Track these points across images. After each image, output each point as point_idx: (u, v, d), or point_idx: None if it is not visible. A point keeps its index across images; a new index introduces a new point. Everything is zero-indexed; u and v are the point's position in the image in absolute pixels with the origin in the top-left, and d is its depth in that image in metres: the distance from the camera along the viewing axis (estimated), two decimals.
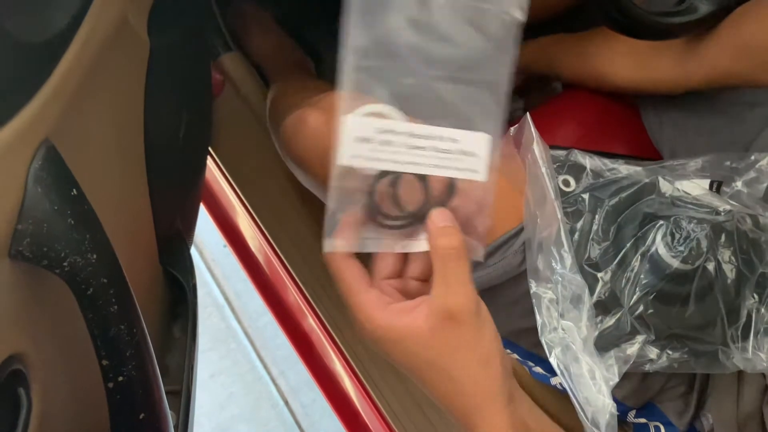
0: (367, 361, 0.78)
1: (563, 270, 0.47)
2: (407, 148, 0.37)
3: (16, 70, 0.32)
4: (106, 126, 0.44)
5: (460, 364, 0.38)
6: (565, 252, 0.49)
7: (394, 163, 0.37)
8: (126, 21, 0.46)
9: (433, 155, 0.37)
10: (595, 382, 0.45)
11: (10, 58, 0.32)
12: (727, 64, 0.59)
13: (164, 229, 0.57)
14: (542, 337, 0.47)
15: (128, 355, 0.36)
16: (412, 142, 0.37)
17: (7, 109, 0.31)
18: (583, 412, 0.44)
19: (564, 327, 0.46)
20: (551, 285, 0.47)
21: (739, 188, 0.54)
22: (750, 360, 0.47)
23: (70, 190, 0.33)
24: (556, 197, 0.47)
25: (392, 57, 0.38)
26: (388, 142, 0.37)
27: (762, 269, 0.50)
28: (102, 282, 0.34)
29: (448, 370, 0.38)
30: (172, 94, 0.60)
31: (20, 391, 0.33)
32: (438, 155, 0.37)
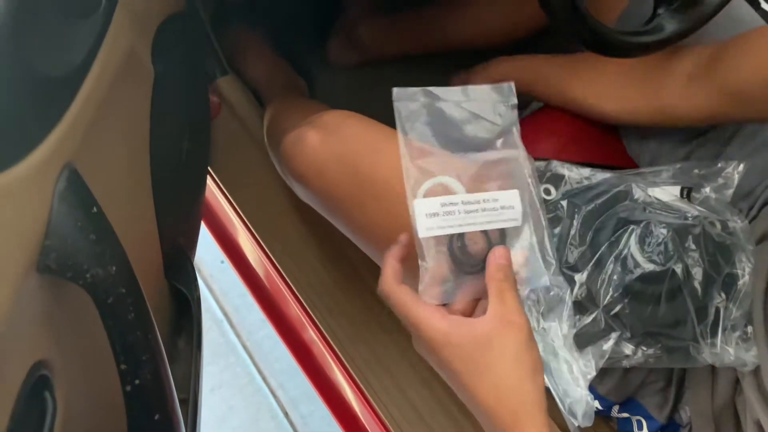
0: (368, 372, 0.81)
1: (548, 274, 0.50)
2: (464, 213, 0.48)
3: (42, 102, 0.36)
4: (118, 149, 0.47)
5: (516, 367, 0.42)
6: (549, 257, 0.52)
7: (459, 226, 0.48)
8: (133, 52, 0.50)
9: (483, 214, 0.48)
10: (573, 375, 0.48)
11: (36, 91, 0.35)
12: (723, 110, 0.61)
13: (168, 245, 0.61)
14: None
15: (144, 359, 0.39)
16: (466, 207, 0.48)
17: (35, 137, 0.34)
18: (561, 404, 0.48)
19: (545, 327, 0.50)
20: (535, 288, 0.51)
21: (708, 194, 0.58)
22: (718, 354, 0.51)
23: (91, 208, 0.37)
24: (540, 205, 0.51)
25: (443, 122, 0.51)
26: (450, 212, 0.48)
27: (728, 270, 0.53)
28: (121, 292, 0.37)
29: (502, 374, 0.41)
30: (174, 117, 0.64)
31: (46, 395, 0.36)
32: (487, 213, 0.48)
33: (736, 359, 0.51)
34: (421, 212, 0.47)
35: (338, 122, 0.65)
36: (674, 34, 0.58)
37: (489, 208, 0.48)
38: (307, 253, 0.87)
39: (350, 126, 0.64)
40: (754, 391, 0.50)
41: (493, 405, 0.42)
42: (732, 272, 0.53)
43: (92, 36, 0.42)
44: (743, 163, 0.58)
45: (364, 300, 0.83)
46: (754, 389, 0.50)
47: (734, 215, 0.58)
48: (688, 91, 0.62)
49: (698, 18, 0.60)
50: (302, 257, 0.88)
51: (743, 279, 0.53)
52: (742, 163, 0.58)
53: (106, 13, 0.44)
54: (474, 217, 0.48)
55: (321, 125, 0.65)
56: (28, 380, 0.34)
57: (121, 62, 0.46)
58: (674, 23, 0.59)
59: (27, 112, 0.35)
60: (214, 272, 1.35)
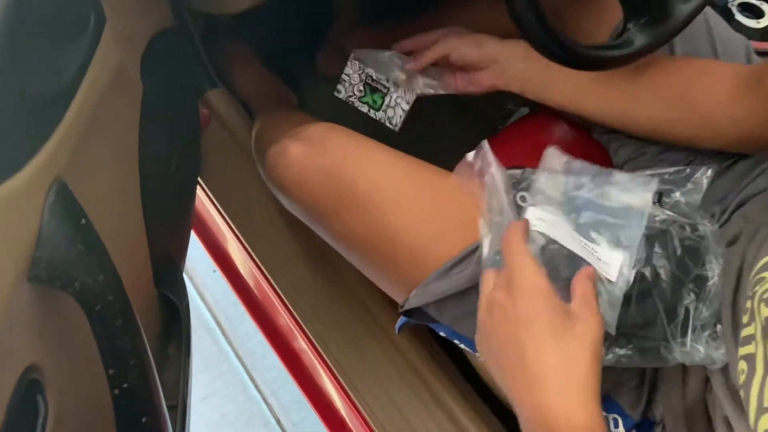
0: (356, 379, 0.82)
1: None
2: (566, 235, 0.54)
3: (33, 119, 0.38)
4: (107, 162, 0.49)
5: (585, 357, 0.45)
6: None
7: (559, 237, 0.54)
8: (122, 68, 0.52)
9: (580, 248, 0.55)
10: None
11: (27, 109, 0.37)
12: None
13: (158, 254, 0.62)
14: None
15: (132, 364, 0.41)
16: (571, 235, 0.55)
17: (26, 154, 0.36)
18: None
19: None
20: None
21: (678, 198, 0.60)
22: (689, 353, 0.53)
23: (80, 220, 0.38)
24: (511, 208, 0.53)
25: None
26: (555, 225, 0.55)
27: (698, 271, 0.55)
28: (108, 299, 0.39)
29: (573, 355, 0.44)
30: (164, 129, 0.66)
31: (38, 398, 0.38)
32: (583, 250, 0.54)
33: (705, 357, 0.53)
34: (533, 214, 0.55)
35: (321, 135, 0.67)
36: (643, 48, 0.60)
37: (588, 251, 0.54)
38: (296, 261, 0.89)
39: (332, 138, 0.66)
40: (723, 388, 0.52)
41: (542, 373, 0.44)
42: (702, 274, 0.55)
43: (81, 55, 0.44)
44: (711, 169, 0.60)
45: (351, 307, 0.85)
46: (723, 386, 0.52)
47: (704, 219, 0.60)
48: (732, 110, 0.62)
49: (667, 32, 0.62)
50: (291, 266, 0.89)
51: (713, 280, 0.55)
52: (710, 168, 0.60)
53: (95, 33, 0.46)
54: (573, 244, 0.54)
55: (304, 138, 0.67)
56: (21, 384, 0.36)
57: (110, 79, 0.48)
58: (643, 37, 0.61)
59: (18, 130, 0.37)
60: (206, 281, 1.37)
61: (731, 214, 0.64)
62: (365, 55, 0.82)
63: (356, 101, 0.82)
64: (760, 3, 1.06)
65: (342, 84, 0.82)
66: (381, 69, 0.81)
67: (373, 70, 0.81)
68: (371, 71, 0.81)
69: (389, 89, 0.80)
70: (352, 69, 0.82)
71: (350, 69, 0.82)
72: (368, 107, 0.82)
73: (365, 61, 0.81)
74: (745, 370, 0.45)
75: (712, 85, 0.63)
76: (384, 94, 0.81)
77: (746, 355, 0.46)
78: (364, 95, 0.82)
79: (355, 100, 0.82)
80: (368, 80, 0.81)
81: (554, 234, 0.54)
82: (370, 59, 0.81)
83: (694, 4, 0.62)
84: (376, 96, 0.81)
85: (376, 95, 0.81)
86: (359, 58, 0.81)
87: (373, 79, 0.81)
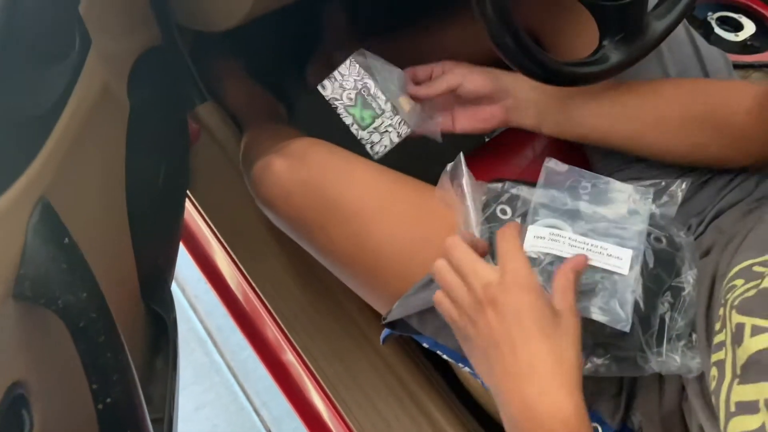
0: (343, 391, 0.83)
1: None
2: (569, 246, 0.56)
3: (17, 141, 0.39)
4: (93, 181, 0.50)
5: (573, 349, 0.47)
6: None
7: (560, 251, 0.56)
8: (108, 87, 0.53)
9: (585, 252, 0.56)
10: None
11: (11, 131, 0.38)
12: None
13: (146, 268, 0.63)
14: None
15: (115, 379, 0.42)
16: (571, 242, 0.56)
17: (10, 175, 0.38)
18: None
19: None
20: None
21: (654, 211, 0.61)
22: (665, 363, 0.54)
23: (63, 239, 0.39)
24: (476, 224, 0.55)
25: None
26: (556, 240, 0.57)
27: (672, 282, 0.57)
28: (91, 316, 0.40)
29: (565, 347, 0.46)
30: (151, 145, 0.67)
31: (23, 413, 0.39)
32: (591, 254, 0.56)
33: (681, 366, 0.54)
34: (531, 233, 0.57)
35: (305, 150, 0.68)
36: (619, 64, 0.62)
37: (595, 252, 0.56)
38: (284, 274, 0.90)
39: (316, 153, 0.67)
40: (698, 397, 0.53)
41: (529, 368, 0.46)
42: (676, 285, 0.57)
43: (66, 77, 0.45)
44: (685, 182, 0.61)
45: (338, 319, 0.86)
46: (698, 395, 0.53)
47: (680, 231, 0.61)
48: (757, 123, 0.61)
49: (642, 48, 0.63)
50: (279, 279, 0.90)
51: (687, 290, 0.57)
52: (684, 182, 0.61)
53: (80, 54, 0.47)
54: (577, 252, 0.55)
55: (288, 153, 0.68)
56: (6, 399, 0.37)
57: (96, 99, 0.49)
58: (619, 54, 0.62)
59: (2, 151, 0.38)
60: (198, 293, 1.37)
61: (707, 227, 0.65)
62: (371, 62, 0.71)
63: (341, 108, 0.70)
64: (739, 16, 1.08)
65: (330, 81, 0.70)
66: (384, 86, 0.70)
67: (373, 82, 0.69)
68: (371, 83, 0.69)
69: (384, 112, 0.69)
70: (349, 71, 0.70)
71: (347, 70, 0.70)
72: (353, 121, 0.70)
73: (369, 68, 0.70)
74: (716, 376, 0.46)
75: (736, 105, 0.63)
76: (377, 115, 0.69)
77: (717, 361, 0.47)
78: (353, 105, 0.70)
79: (341, 107, 0.70)
80: (364, 91, 0.69)
81: (554, 249, 0.56)
82: (375, 68, 0.70)
83: (668, 21, 0.64)
84: (366, 113, 0.70)
85: (366, 112, 0.70)
86: (362, 63, 0.70)
87: (370, 92, 0.69)
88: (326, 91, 0.71)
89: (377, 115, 0.69)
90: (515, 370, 0.47)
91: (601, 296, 0.54)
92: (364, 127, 0.70)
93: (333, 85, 0.70)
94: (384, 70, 0.71)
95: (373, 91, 0.69)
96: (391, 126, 0.69)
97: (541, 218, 0.58)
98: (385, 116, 0.69)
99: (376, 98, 0.69)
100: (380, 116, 0.69)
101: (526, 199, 0.62)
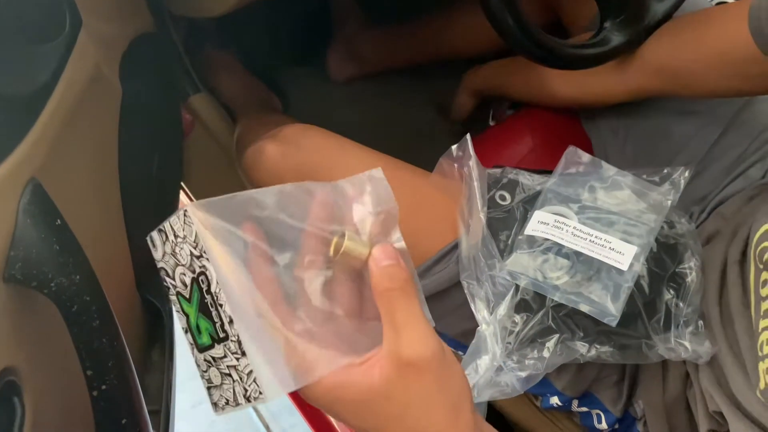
0: None
1: (491, 271, 0.53)
2: (572, 235, 0.55)
3: (6, 120, 0.38)
4: (85, 164, 0.49)
5: (429, 416, 0.34)
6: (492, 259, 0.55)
7: (561, 239, 0.55)
8: (100, 70, 0.52)
9: (589, 244, 0.55)
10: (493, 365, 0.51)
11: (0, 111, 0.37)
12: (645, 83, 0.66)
13: (141, 258, 0.62)
14: (478, 330, 0.53)
15: (110, 365, 0.41)
16: (574, 232, 0.55)
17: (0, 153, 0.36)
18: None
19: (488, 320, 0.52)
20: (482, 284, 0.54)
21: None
22: (674, 349, 0.53)
23: (55, 221, 0.38)
24: (482, 209, 0.54)
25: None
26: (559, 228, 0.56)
27: (675, 268, 0.56)
28: (85, 300, 0.38)
29: (416, 424, 0.34)
30: (144, 133, 0.66)
31: (15, 400, 0.38)
32: (593, 245, 0.55)
33: (692, 352, 0.53)
34: (535, 218, 0.55)
35: (297, 135, 0.67)
36: (620, 46, 0.61)
37: (598, 243, 0.55)
38: None
39: (309, 138, 0.66)
40: (712, 383, 0.52)
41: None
42: (680, 271, 0.56)
43: (56, 58, 0.44)
44: (688, 170, 0.61)
45: None
46: (712, 381, 0.52)
47: (681, 218, 0.60)
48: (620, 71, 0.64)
49: (643, 30, 0.63)
50: None
51: (691, 277, 0.56)
52: (687, 170, 0.61)
53: (70, 35, 0.46)
54: (579, 241, 0.54)
55: (280, 138, 0.67)
56: None
57: (87, 81, 0.48)
58: (620, 36, 0.62)
59: None
60: None
61: (709, 214, 0.65)
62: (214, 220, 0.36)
63: (173, 293, 0.39)
64: None
65: (160, 235, 0.39)
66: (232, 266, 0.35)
67: (214, 270, 0.35)
68: (211, 271, 0.35)
69: (227, 339, 0.35)
70: (184, 232, 0.36)
71: (181, 228, 0.37)
72: (187, 326, 0.39)
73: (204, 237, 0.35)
74: None
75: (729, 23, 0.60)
76: (217, 338, 0.36)
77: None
78: (187, 297, 0.37)
79: (172, 289, 0.39)
80: (202, 281, 0.36)
81: (555, 236, 0.55)
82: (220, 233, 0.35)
83: (669, 4, 0.63)
84: (204, 322, 0.37)
85: (204, 321, 0.37)
86: (210, 223, 0.36)
87: (210, 287, 0.35)
88: (155, 251, 0.40)
89: (218, 338, 0.36)
90: None
91: (595, 287, 0.54)
92: (201, 347, 0.38)
93: (162, 245, 0.39)
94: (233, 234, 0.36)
95: (215, 287, 0.35)
96: (235, 371, 0.36)
97: (550, 205, 0.57)
98: (228, 347, 0.35)
99: (218, 303, 0.35)
100: (221, 343, 0.36)
101: (525, 185, 0.61)
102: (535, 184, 0.59)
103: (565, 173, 0.61)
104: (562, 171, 0.62)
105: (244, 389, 0.35)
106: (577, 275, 0.54)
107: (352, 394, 0.34)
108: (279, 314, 0.34)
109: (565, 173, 0.61)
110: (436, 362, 0.34)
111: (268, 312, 0.34)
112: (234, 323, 0.34)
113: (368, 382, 0.33)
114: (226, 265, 0.34)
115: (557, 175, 0.61)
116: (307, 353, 0.34)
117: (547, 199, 0.59)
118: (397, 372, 0.33)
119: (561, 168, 0.62)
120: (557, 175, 0.61)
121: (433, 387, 0.34)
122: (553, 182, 0.60)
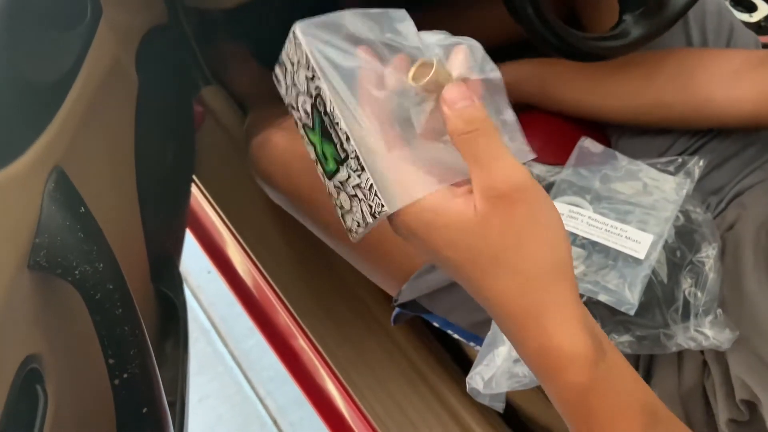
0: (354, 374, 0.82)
1: None
2: (587, 225, 0.56)
3: (31, 107, 0.37)
4: (103, 154, 0.49)
5: (525, 252, 0.32)
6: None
7: (576, 229, 0.56)
8: (118, 60, 0.52)
9: (604, 233, 0.55)
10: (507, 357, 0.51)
11: (26, 97, 0.37)
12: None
13: (155, 250, 0.62)
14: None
15: (132, 354, 0.41)
16: (589, 221, 0.55)
17: (25, 140, 0.36)
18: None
19: None
20: None
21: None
22: (694, 338, 0.53)
23: (79, 208, 0.38)
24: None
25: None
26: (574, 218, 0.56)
27: (693, 257, 0.56)
28: (108, 288, 0.38)
29: (512, 262, 0.32)
30: (158, 124, 0.66)
31: (37, 387, 0.38)
32: (609, 234, 0.55)
33: (713, 341, 0.53)
34: None
35: None
36: (639, 39, 0.61)
37: (614, 233, 0.54)
38: (292, 258, 0.89)
39: None
40: (744, 367, 0.51)
41: (500, 301, 0.33)
42: (697, 260, 0.56)
43: (78, 46, 0.43)
44: (703, 159, 0.60)
45: (349, 303, 0.85)
46: (744, 366, 0.51)
47: (696, 207, 0.60)
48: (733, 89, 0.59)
49: (662, 23, 0.62)
50: (288, 263, 0.89)
51: (708, 265, 0.56)
52: (702, 159, 0.60)
53: (91, 24, 0.46)
54: (594, 231, 0.54)
55: (287, 127, 0.67)
56: (20, 373, 0.36)
57: (106, 70, 0.48)
58: (639, 28, 0.61)
59: (17, 117, 0.36)
60: (201, 282, 1.36)
61: (727, 204, 0.64)
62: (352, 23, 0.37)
63: (300, 127, 0.39)
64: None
65: (281, 68, 0.39)
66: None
67: (327, 86, 0.35)
68: (324, 87, 0.35)
69: (347, 158, 0.36)
70: (295, 52, 0.37)
71: (293, 49, 0.37)
72: (315, 156, 0.38)
73: (325, 53, 0.35)
74: None
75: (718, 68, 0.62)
76: (339, 159, 0.36)
77: None
78: (311, 126, 0.37)
79: (299, 123, 0.39)
80: (319, 103, 0.36)
81: (569, 226, 0.55)
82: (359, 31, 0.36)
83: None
84: (327, 148, 0.37)
85: (327, 145, 0.36)
86: (311, 34, 0.36)
87: (326, 108, 0.35)
88: (280, 87, 0.40)
89: (340, 159, 0.36)
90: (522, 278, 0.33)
91: (612, 276, 0.54)
92: (329, 173, 0.37)
93: (284, 78, 0.39)
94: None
95: (329, 106, 0.35)
96: (359, 190, 0.35)
97: (564, 195, 0.57)
98: (349, 166, 0.35)
99: (334, 123, 0.35)
100: (344, 164, 0.36)
101: (538, 176, 0.61)
102: (549, 175, 0.59)
103: (579, 164, 0.61)
104: (576, 162, 0.61)
105: (369, 206, 0.35)
106: (594, 265, 0.54)
107: (448, 220, 0.33)
108: (386, 134, 0.34)
109: (579, 164, 0.61)
110: (528, 191, 0.32)
111: (377, 131, 0.35)
112: (351, 139, 0.34)
113: (466, 212, 0.32)
114: (336, 81, 0.35)
115: (571, 166, 0.61)
116: (408, 175, 0.34)
117: (561, 190, 0.58)
118: (493, 206, 0.32)
119: (574, 159, 0.62)
120: (571, 166, 0.61)
121: (528, 217, 0.32)
122: (567, 173, 0.60)
